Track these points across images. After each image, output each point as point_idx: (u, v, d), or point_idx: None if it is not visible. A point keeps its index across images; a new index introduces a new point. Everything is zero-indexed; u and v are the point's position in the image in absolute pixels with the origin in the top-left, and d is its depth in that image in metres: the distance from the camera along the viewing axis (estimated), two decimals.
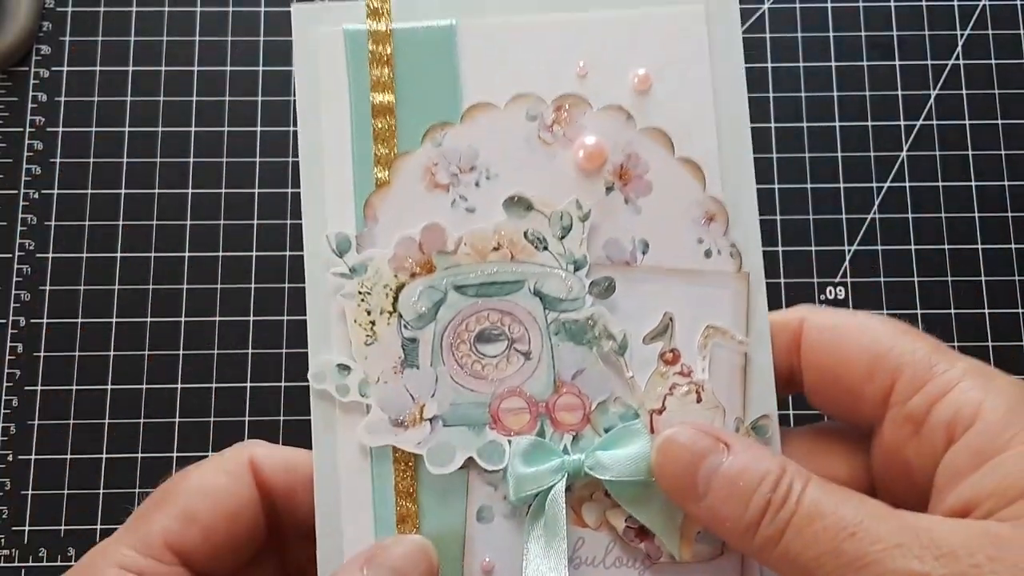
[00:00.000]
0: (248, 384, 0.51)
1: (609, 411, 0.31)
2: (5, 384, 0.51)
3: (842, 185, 0.53)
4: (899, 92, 0.54)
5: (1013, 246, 0.52)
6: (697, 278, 0.31)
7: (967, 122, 0.54)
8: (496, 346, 0.31)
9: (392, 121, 0.31)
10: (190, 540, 0.29)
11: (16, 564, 0.49)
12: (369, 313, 0.31)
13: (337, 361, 0.31)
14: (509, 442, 0.30)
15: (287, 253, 0.52)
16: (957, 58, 0.55)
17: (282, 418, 0.50)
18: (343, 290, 0.31)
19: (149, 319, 0.51)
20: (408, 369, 0.31)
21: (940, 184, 0.53)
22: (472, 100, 0.32)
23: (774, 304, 0.31)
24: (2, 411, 0.50)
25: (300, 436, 0.33)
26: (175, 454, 0.50)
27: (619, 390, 0.31)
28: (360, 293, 0.31)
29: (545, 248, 0.31)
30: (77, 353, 0.51)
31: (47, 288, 0.52)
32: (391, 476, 0.30)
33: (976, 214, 0.53)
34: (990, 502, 0.24)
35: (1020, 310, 0.52)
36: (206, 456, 0.34)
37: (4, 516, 0.49)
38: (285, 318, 0.51)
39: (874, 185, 0.53)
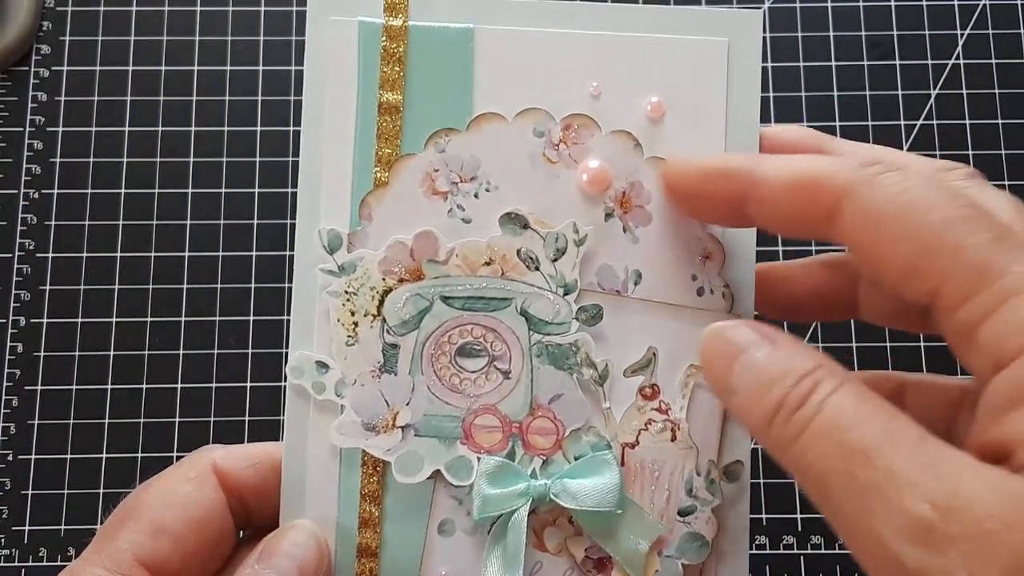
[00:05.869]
0: (248, 384, 0.51)
1: (582, 439, 0.30)
2: (5, 384, 0.51)
3: None
4: (899, 92, 0.54)
5: None
6: (687, 315, 0.31)
7: (967, 122, 0.54)
8: (476, 361, 0.30)
9: (398, 121, 0.31)
10: (161, 553, 0.28)
11: (16, 564, 0.49)
12: (353, 314, 0.30)
13: (316, 358, 0.30)
14: (478, 459, 0.30)
15: (287, 253, 0.52)
16: (957, 58, 0.55)
17: (282, 418, 0.50)
18: (329, 287, 0.31)
19: (149, 319, 0.51)
20: (386, 375, 0.30)
21: None
22: (483, 107, 0.31)
23: None
24: (2, 411, 0.50)
25: None
26: (175, 454, 0.50)
27: (594, 419, 0.30)
28: (346, 292, 0.30)
29: (537, 268, 0.30)
30: (77, 353, 0.51)
31: (47, 288, 0.52)
32: (358, 479, 0.30)
33: None
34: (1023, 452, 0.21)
35: None
36: None
37: (4, 516, 0.49)
38: (285, 318, 0.51)
39: None
